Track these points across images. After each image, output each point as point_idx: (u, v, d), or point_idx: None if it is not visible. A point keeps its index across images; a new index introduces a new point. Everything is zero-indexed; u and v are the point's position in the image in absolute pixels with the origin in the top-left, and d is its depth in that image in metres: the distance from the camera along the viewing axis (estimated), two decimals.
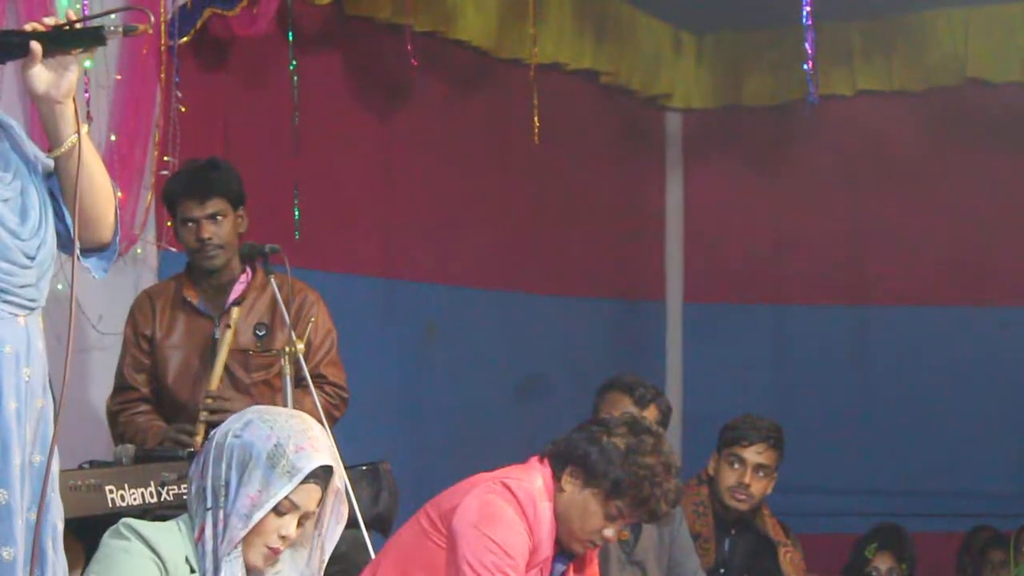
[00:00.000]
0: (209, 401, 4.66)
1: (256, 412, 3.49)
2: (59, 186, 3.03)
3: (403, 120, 7.06)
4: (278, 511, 3.36)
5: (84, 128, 3.00)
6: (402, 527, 4.43)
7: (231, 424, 3.45)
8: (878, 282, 8.51)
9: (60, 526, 3.05)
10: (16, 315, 2.94)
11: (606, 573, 5.00)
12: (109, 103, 5.48)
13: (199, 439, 4.57)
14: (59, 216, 3.05)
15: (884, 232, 8.43)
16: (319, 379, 4.84)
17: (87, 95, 5.24)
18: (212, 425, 4.50)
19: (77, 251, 3.02)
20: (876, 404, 8.42)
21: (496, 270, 7.60)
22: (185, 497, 4.04)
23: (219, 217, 4.81)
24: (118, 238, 3.14)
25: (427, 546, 4.21)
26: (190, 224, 4.80)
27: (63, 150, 2.98)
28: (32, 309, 2.98)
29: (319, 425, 3.50)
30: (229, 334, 4.69)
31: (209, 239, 4.78)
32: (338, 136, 6.66)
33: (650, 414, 5.23)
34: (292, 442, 3.36)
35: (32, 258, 2.96)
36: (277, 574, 3.48)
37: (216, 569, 3.35)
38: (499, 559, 4.12)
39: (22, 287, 2.95)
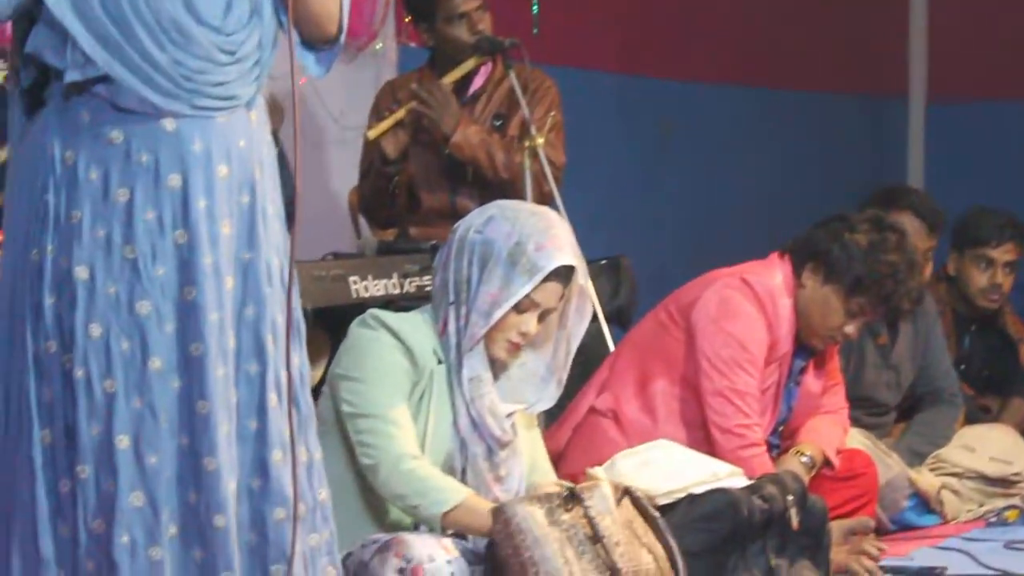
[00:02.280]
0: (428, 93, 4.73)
1: (499, 207, 3.47)
2: None
3: None
4: (518, 308, 3.37)
5: None
6: (641, 321, 4.46)
7: (473, 219, 3.45)
8: None
9: (280, 319, 2.82)
10: (210, 113, 2.79)
11: (862, 376, 4.97)
12: None
13: (397, 114, 4.70)
14: (285, 8, 2.86)
15: None
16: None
17: None
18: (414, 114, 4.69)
19: (296, 51, 2.86)
20: None
21: (732, 65, 7.46)
22: (428, 289, 4.12)
23: (483, 10, 4.84)
24: (344, 36, 2.98)
25: (666, 340, 4.24)
26: (461, 18, 4.81)
27: None
28: (232, 108, 2.82)
29: (563, 222, 3.50)
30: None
31: (484, 29, 4.79)
32: None
33: (928, 242, 5.10)
34: (533, 240, 3.35)
35: (233, 53, 2.80)
36: (522, 365, 3.53)
37: (459, 363, 3.40)
38: (737, 353, 4.12)
39: (216, 85, 2.78)
